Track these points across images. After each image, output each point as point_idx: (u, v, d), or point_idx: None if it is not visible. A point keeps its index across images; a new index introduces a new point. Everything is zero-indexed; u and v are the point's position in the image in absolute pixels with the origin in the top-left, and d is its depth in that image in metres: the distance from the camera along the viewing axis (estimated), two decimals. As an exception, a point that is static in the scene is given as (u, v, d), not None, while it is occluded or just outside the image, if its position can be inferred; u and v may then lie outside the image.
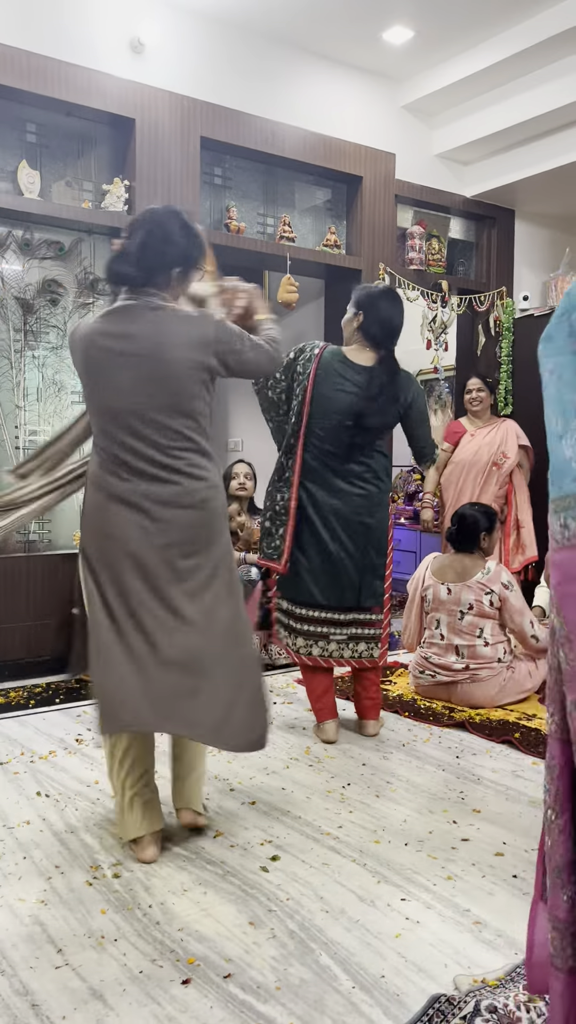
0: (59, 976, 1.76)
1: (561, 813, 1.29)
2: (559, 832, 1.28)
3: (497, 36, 4.68)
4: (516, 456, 4.82)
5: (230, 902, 2.05)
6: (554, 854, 1.29)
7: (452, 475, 4.92)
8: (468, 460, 4.87)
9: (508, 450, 4.83)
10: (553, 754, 1.31)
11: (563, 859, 1.28)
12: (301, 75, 4.87)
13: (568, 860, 1.28)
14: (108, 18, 4.20)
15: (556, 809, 1.29)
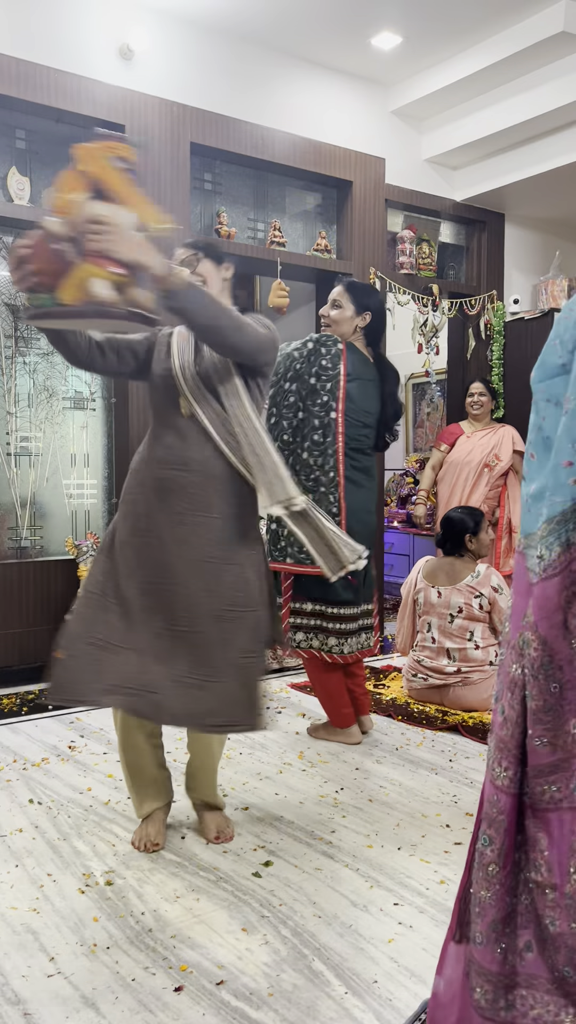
0: (51, 985, 1.75)
1: (503, 867, 1.27)
2: (499, 885, 1.27)
3: (485, 41, 4.71)
4: (509, 460, 4.87)
5: (223, 908, 2.05)
6: (490, 908, 1.27)
7: (446, 475, 5.01)
8: (461, 460, 4.94)
9: (501, 453, 4.88)
10: (502, 809, 1.27)
11: (499, 913, 1.27)
12: (290, 81, 4.89)
13: (505, 914, 1.27)
14: (97, 25, 4.21)
15: (499, 863, 1.27)
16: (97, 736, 3.34)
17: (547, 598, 1.20)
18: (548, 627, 1.20)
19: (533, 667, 1.22)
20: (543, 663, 1.22)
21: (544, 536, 1.21)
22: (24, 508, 4.27)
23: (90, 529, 4.45)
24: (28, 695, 3.95)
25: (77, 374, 4.40)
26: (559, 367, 1.25)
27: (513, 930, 1.27)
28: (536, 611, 1.22)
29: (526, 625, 1.24)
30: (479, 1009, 1.28)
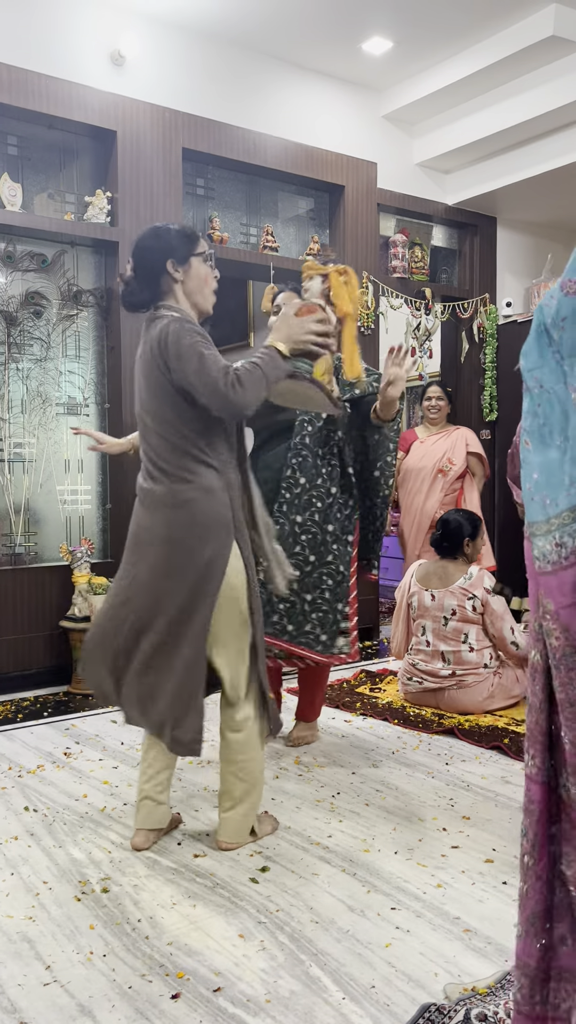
0: (47, 993, 1.75)
1: (539, 859, 1.26)
2: (536, 878, 1.26)
3: (475, 46, 4.72)
4: (463, 463, 4.82)
5: (219, 914, 2.04)
6: (528, 900, 1.27)
7: (403, 481, 4.96)
8: (415, 467, 4.90)
9: (455, 457, 4.83)
10: (532, 798, 1.27)
11: (539, 906, 1.26)
12: (282, 86, 4.90)
13: (544, 907, 1.26)
14: (88, 31, 4.21)
15: (534, 855, 1.26)
16: (92, 743, 3.33)
17: (570, 586, 1.18)
18: (570, 616, 1.19)
19: (555, 657, 1.21)
20: (565, 653, 1.20)
21: (566, 524, 1.20)
22: (18, 514, 4.26)
23: (84, 535, 4.44)
24: (23, 701, 3.94)
25: (71, 380, 4.40)
26: (551, 354, 1.25)
27: (551, 924, 1.27)
28: (557, 599, 1.20)
29: (544, 614, 1.23)
30: (516, 1004, 1.27)
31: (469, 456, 4.85)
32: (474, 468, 4.88)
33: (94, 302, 4.42)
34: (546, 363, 1.26)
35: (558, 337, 1.23)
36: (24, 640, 4.16)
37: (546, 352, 1.26)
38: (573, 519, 1.19)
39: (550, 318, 1.25)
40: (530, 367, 1.28)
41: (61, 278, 4.33)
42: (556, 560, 1.20)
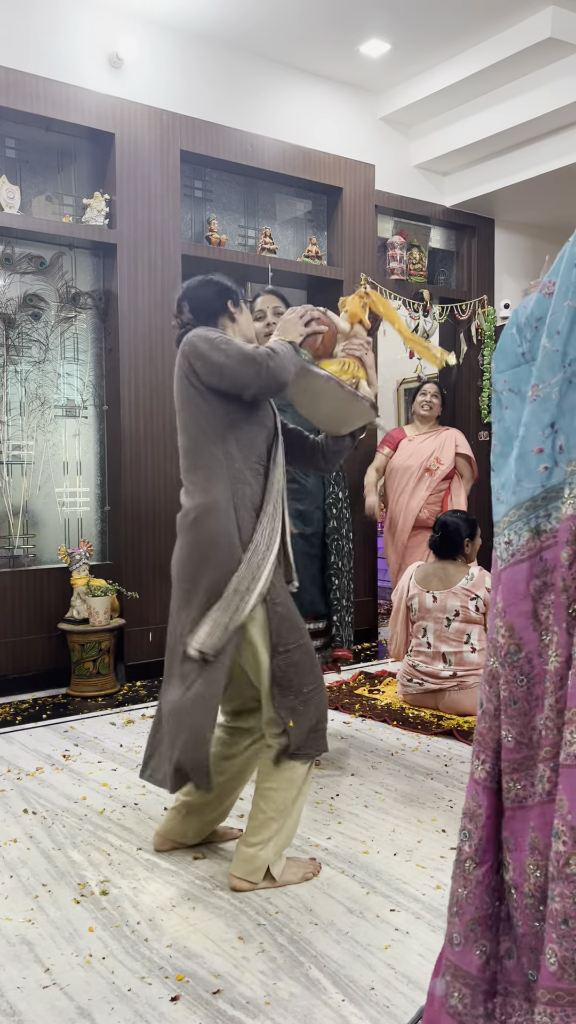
0: (47, 996, 1.74)
1: (481, 864, 1.25)
2: (476, 884, 1.25)
3: (473, 48, 4.73)
4: (451, 463, 4.74)
5: (219, 917, 2.04)
6: (467, 907, 1.25)
7: (390, 479, 4.89)
8: (402, 465, 4.82)
9: (443, 457, 4.75)
10: (480, 802, 1.26)
11: (478, 912, 1.25)
12: (280, 88, 4.91)
13: (484, 914, 1.25)
14: (86, 34, 4.21)
15: (476, 860, 1.25)
16: (91, 745, 3.33)
17: (515, 583, 1.19)
18: (516, 614, 1.19)
19: (501, 656, 1.21)
20: (510, 651, 1.20)
21: (513, 521, 1.21)
22: (16, 516, 4.26)
23: (83, 537, 4.44)
24: (22, 704, 3.94)
25: (69, 382, 4.40)
26: (519, 356, 1.26)
27: (495, 935, 1.25)
28: (504, 597, 1.21)
29: (497, 612, 1.24)
30: (455, 1014, 1.25)
31: (458, 457, 4.78)
32: (462, 469, 4.81)
33: (92, 304, 4.42)
34: (514, 364, 1.27)
35: (530, 337, 1.25)
36: (23, 642, 4.16)
37: (515, 352, 1.27)
38: (518, 516, 1.20)
39: (524, 319, 1.26)
40: (500, 370, 1.29)
41: (59, 280, 4.33)
42: (506, 558, 1.21)
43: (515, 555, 1.19)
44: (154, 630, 4.40)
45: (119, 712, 3.80)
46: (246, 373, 2.07)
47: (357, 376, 2.47)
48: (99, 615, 4.08)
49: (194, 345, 2.11)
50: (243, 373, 2.07)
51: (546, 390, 1.17)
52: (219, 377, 2.08)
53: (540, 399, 1.18)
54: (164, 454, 4.44)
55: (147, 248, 4.38)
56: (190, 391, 2.14)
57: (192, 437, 2.16)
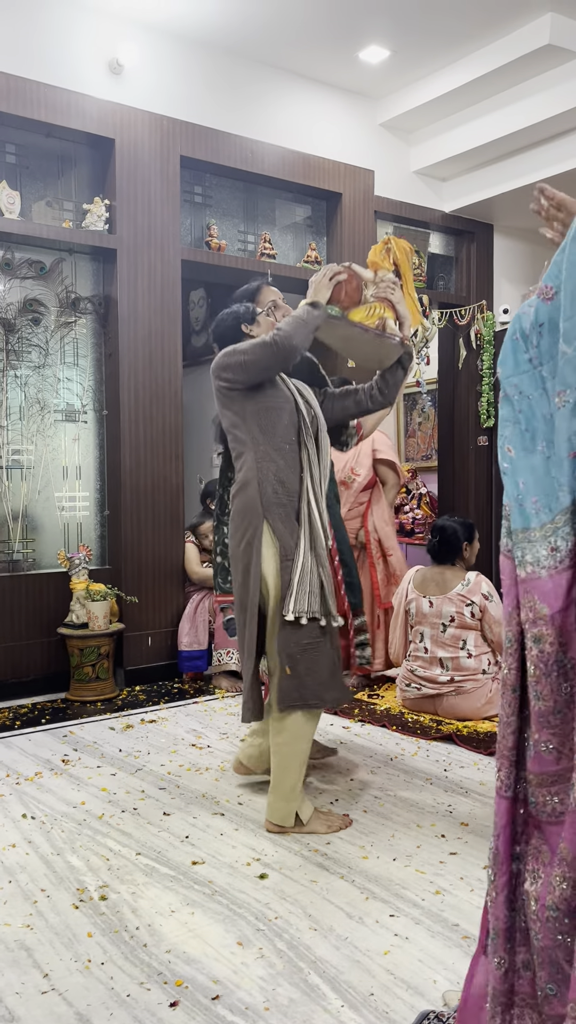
0: (45, 1001, 1.74)
1: (500, 874, 1.24)
2: (497, 893, 1.24)
3: (472, 54, 4.75)
4: (369, 473, 4.30)
5: (218, 922, 2.04)
6: (491, 916, 1.25)
7: None
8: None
9: (359, 467, 4.30)
10: (497, 811, 1.26)
11: (500, 924, 1.24)
12: (279, 94, 4.92)
13: (504, 926, 1.24)
14: (87, 40, 4.23)
15: (495, 869, 1.25)
16: (90, 750, 3.32)
17: (566, 589, 1.18)
18: (564, 619, 1.18)
19: (547, 663, 1.20)
20: (557, 659, 1.19)
21: (559, 527, 1.20)
22: (16, 521, 4.26)
23: (82, 542, 4.44)
24: (21, 708, 3.93)
25: (69, 387, 4.41)
26: (527, 361, 1.26)
27: (513, 946, 1.25)
28: (552, 603, 1.19)
29: (539, 618, 1.22)
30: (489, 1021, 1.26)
31: (378, 464, 4.32)
32: (384, 476, 4.36)
33: (92, 309, 4.43)
34: (523, 370, 1.27)
35: (536, 342, 1.25)
36: (22, 647, 4.16)
37: (522, 359, 1.27)
38: (566, 522, 1.19)
39: (528, 324, 1.27)
40: (508, 374, 1.29)
41: (59, 285, 4.34)
42: (551, 564, 1.20)
43: (563, 561, 1.19)
44: (153, 635, 4.40)
45: (118, 717, 3.79)
46: (264, 355, 2.48)
47: (384, 317, 2.66)
48: (98, 620, 4.08)
49: (217, 364, 2.57)
50: (262, 357, 2.48)
51: (574, 396, 1.18)
52: (247, 372, 2.51)
53: (570, 405, 1.18)
54: (163, 458, 4.44)
55: (147, 253, 4.39)
56: (222, 399, 2.60)
57: (231, 433, 2.62)
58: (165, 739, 3.46)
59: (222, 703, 4.02)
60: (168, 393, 4.47)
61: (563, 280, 1.21)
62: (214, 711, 3.88)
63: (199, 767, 3.12)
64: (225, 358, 2.55)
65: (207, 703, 4.02)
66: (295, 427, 2.60)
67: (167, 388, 4.46)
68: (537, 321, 1.25)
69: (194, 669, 4.40)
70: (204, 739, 3.46)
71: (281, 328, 2.49)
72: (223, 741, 3.43)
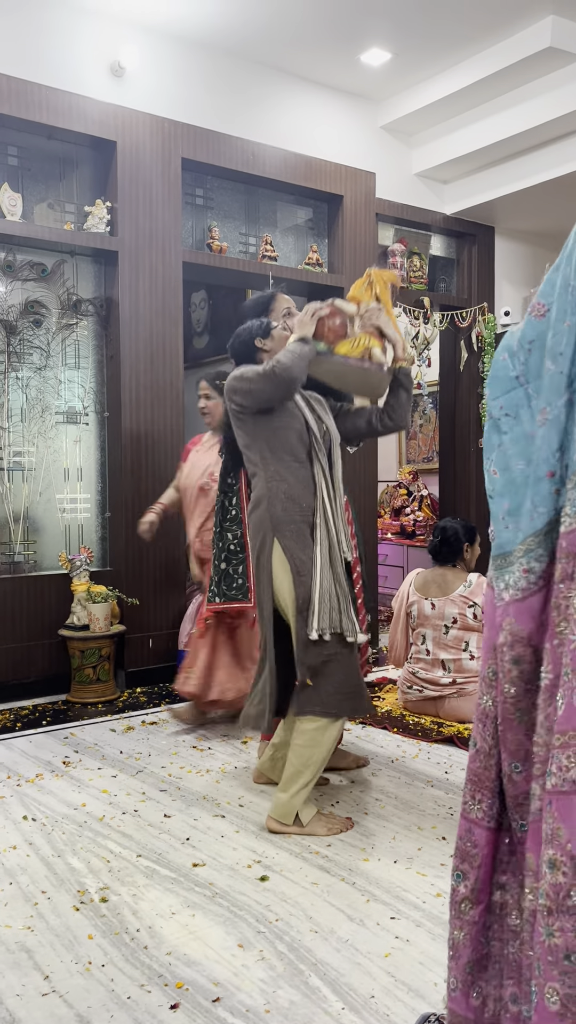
0: (46, 1004, 1.74)
1: (476, 904, 1.23)
2: (471, 925, 1.23)
3: (473, 57, 4.75)
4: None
5: (218, 924, 2.04)
6: (464, 949, 1.23)
7: (183, 499, 3.92)
8: (183, 484, 3.88)
9: (218, 470, 3.45)
10: (476, 842, 1.24)
11: (475, 954, 1.23)
12: (281, 97, 4.93)
13: (480, 955, 1.23)
14: (88, 42, 4.23)
15: (472, 900, 1.23)
16: (91, 751, 3.32)
17: (539, 610, 1.19)
18: (540, 639, 1.19)
19: (527, 681, 1.20)
20: (536, 674, 1.20)
21: (532, 549, 1.20)
22: (17, 523, 4.27)
23: (83, 543, 4.44)
24: (22, 710, 3.93)
25: (70, 389, 4.41)
26: (513, 380, 1.27)
27: (499, 978, 1.22)
28: (527, 624, 1.20)
29: (516, 641, 1.22)
30: None
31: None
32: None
33: (94, 311, 4.43)
34: (509, 388, 1.28)
35: (524, 360, 1.25)
36: (23, 648, 4.15)
37: (509, 377, 1.28)
38: (537, 543, 1.19)
39: (516, 342, 1.27)
40: (495, 395, 1.30)
41: (61, 287, 4.34)
42: (525, 587, 1.21)
43: (536, 583, 1.19)
44: (154, 636, 4.40)
45: (119, 719, 3.79)
46: (266, 387, 2.56)
47: (369, 347, 2.68)
48: (99, 621, 4.08)
49: (228, 387, 2.66)
50: (265, 388, 2.56)
51: (554, 412, 1.18)
52: (254, 399, 2.58)
53: (550, 422, 1.18)
54: (164, 460, 4.45)
55: (148, 255, 4.39)
56: (236, 420, 2.68)
57: (245, 453, 2.70)
58: (166, 741, 3.46)
59: (223, 705, 4.02)
60: (169, 395, 4.47)
61: (555, 297, 1.22)
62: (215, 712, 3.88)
63: (200, 769, 3.11)
64: (234, 382, 2.62)
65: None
66: (305, 445, 2.64)
67: (168, 390, 4.47)
68: (526, 338, 1.26)
69: (195, 671, 4.39)
70: (205, 741, 3.46)
71: (280, 360, 2.55)
72: (224, 743, 3.43)
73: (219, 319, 6.87)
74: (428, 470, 6.87)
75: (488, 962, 1.23)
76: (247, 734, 3.48)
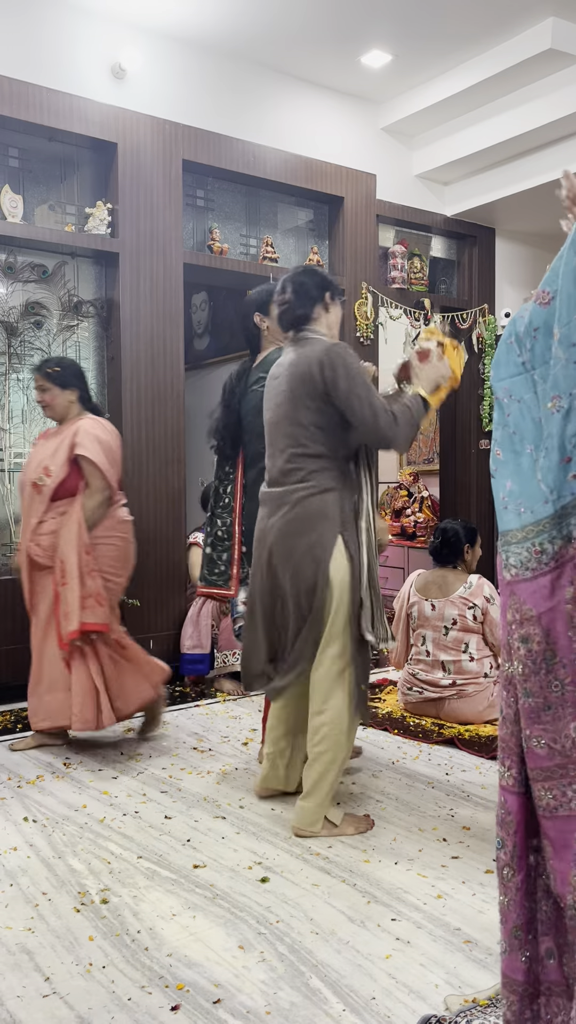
0: (47, 1005, 1.74)
1: (518, 871, 1.26)
2: (516, 890, 1.26)
3: (474, 59, 4.76)
4: (62, 471, 3.22)
5: (219, 926, 2.04)
6: (510, 913, 1.26)
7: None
8: (21, 480, 3.45)
9: (53, 464, 3.22)
10: (509, 809, 1.27)
11: (520, 919, 1.25)
12: (282, 98, 4.93)
13: (526, 920, 1.25)
14: (90, 45, 4.24)
15: (512, 866, 1.26)
16: (92, 753, 3.32)
17: (550, 589, 1.21)
18: (551, 620, 1.21)
19: (535, 662, 1.23)
20: (546, 658, 1.22)
21: (545, 530, 1.22)
22: (18, 524, 4.26)
23: (84, 545, 4.43)
24: (23, 712, 3.93)
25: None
26: (519, 364, 1.28)
27: (535, 936, 1.26)
28: (536, 604, 1.23)
29: (525, 619, 1.24)
30: (507, 1023, 1.27)
31: (81, 460, 3.22)
32: (88, 477, 3.24)
33: (94, 313, 4.43)
34: (515, 372, 1.30)
35: (530, 346, 1.27)
36: (24, 650, 4.14)
37: (515, 361, 1.30)
38: (553, 525, 1.22)
39: (522, 328, 1.28)
40: (500, 378, 1.32)
41: (62, 289, 4.34)
42: (535, 567, 1.23)
43: (548, 563, 1.22)
44: (155, 638, 4.40)
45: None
46: (366, 431, 2.45)
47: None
48: (100, 623, 4.07)
49: (337, 368, 2.42)
50: (365, 427, 2.43)
51: (569, 401, 1.20)
52: (344, 410, 2.44)
53: (565, 410, 1.20)
54: (165, 462, 4.45)
55: (149, 257, 4.40)
56: (315, 395, 2.46)
57: (316, 432, 2.50)
58: (167, 742, 3.46)
59: (224, 706, 4.02)
60: (170, 396, 4.47)
61: (560, 286, 1.23)
62: (216, 714, 3.88)
63: (201, 770, 3.11)
64: (348, 371, 2.42)
65: (209, 706, 4.02)
66: (362, 448, 2.60)
67: (169, 391, 4.47)
68: (532, 325, 1.27)
69: (196, 672, 4.39)
70: (206, 742, 3.46)
71: (399, 417, 2.44)
72: (225, 744, 3.43)
73: (220, 321, 6.87)
74: (429, 471, 6.87)
75: (532, 923, 1.26)
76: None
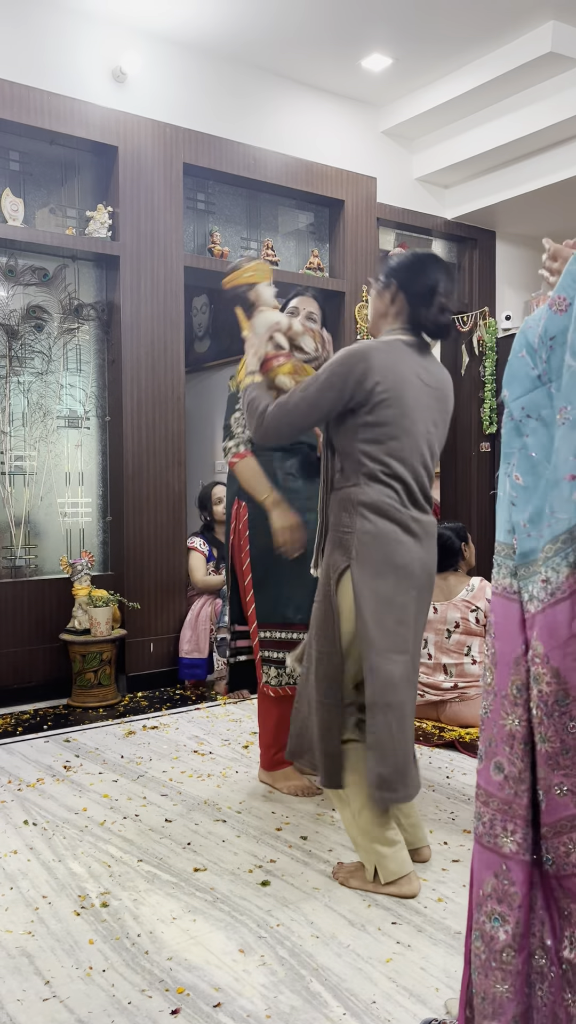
0: (47, 1009, 1.74)
1: (520, 951, 1.09)
2: (516, 975, 1.09)
3: (474, 62, 4.76)
4: None
5: (219, 929, 2.03)
6: (508, 1004, 1.09)
7: None
8: None
9: None
10: (513, 879, 1.10)
11: (520, 1008, 1.10)
12: (282, 102, 4.94)
13: (525, 1008, 1.10)
14: (90, 48, 4.25)
15: (514, 947, 1.09)
16: (92, 756, 3.32)
17: (558, 625, 1.09)
18: (562, 657, 1.09)
19: (547, 705, 1.11)
20: (558, 699, 1.10)
21: (549, 557, 1.10)
22: (18, 527, 4.27)
23: (85, 547, 4.44)
24: (23, 714, 3.93)
25: (71, 393, 4.42)
26: (534, 379, 1.18)
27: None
28: (546, 641, 1.10)
29: (534, 658, 1.12)
30: None
31: None
32: None
33: (95, 316, 4.44)
34: (530, 388, 1.19)
35: (545, 357, 1.17)
36: (24, 653, 4.15)
37: (530, 375, 1.19)
38: (555, 551, 1.09)
39: (537, 338, 1.19)
40: (515, 396, 1.20)
41: (62, 292, 4.35)
42: (543, 598, 1.11)
43: (554, 594, 1.09)
44: (155, 641, 4.40)
45: (120, 723, 3.79)
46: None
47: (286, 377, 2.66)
48: (100, 626, 4.08)
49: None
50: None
51: (574, 412, 1.10)
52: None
53: (571, 422, 1.09)
54: (166, 465, 4.45)
55: (150, 260, 4.40)
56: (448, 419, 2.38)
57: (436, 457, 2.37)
58: (167, 745, 3.45)
59: (224, 709, 4.01)
60: (171, 399, 4.48)
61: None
62: (216, 717, 3.88)
63: (201, 773, 3.11)
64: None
65: (209, 709, 4.02)
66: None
67: (170, 394, 4.47)
68: (547, 334, 1.17)
69: (194, 677, 4.39)
70: (206, 745, 3.46)
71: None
72: (225, 747, 3.42)
73: (220, 324, 6.87)
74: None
75: (532, 1013, 1.12)
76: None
